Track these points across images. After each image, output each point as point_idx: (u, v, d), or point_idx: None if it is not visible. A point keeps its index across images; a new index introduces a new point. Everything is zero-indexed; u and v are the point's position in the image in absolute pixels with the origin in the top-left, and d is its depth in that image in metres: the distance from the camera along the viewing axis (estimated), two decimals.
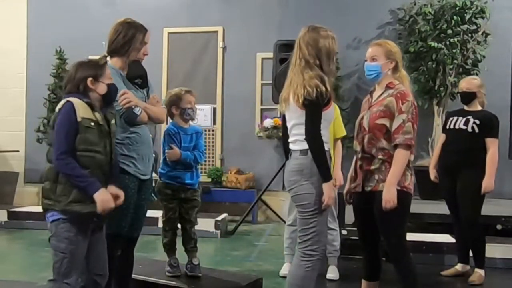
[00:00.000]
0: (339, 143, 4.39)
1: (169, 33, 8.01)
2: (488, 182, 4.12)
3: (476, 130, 4.20)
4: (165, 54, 8.00)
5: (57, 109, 2.59)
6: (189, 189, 3.87)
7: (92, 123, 2.56)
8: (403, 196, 3.04)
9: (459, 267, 4.48)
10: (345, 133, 4.39)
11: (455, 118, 4.38)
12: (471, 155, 4.18)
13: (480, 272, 4.25)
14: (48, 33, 8.05)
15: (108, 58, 3.00)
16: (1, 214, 6.82)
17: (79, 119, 2.52)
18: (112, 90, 2.70)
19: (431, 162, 4.65)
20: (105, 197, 2.54)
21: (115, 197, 2.62)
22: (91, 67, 2.68)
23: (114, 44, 3.02)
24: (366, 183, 3.17)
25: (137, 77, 3.07)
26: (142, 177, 3.03)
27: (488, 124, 4.21)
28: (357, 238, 5.41)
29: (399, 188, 3.03)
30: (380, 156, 3.10)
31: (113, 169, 2.71)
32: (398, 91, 3.11)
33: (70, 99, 2.57)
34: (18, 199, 8.01)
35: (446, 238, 4.87)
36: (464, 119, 4.30)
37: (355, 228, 6.52)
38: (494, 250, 4.70)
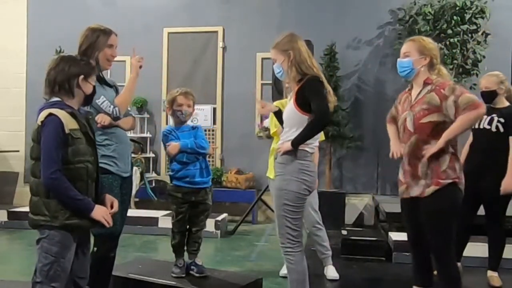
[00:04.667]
0: None
1: (169, 33, 8.01)
2: (508, 182, 3.96)
3: (501, 129, 4.04)
4: (165, 54, 8.01)
5: (39, 122, 2.46)
6: (200, 190, 3.77)
7: (79, 133, 2.49)
8: (452, 190, 2.98)
9: None
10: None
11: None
12: (495, 156, 4.04)
13: (495, 274, 4.24)
14: (48, 33, 8.06)
15: None
16: (1, 214, 6.84)
17: (67, 132, 2.43)
18: (94, 92, 2.67)
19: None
20: (103, 211, 2.51)
21: (111, 206, 2.62)
22: (85, 65, 2.61)
23: (81, 49, 3.10)
24: (411, 189, 3.10)
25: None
26: (124, 175, 3.12)
27: None
28: (357, 238, 5.46)
29: (450, 180, 2.96)
30: (425, 159, 3.00)
31: (101, 178, 2.67)
32: (436, 85, 3.02)
33: (54, 111, 2.45)
34: (18, 199, 8.01)
35: None
36: (489, 118, 4.10)
37: (355, 228, 6.59)
38: None
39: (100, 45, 3.09)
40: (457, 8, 6.61)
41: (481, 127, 4.11)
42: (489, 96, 4.14)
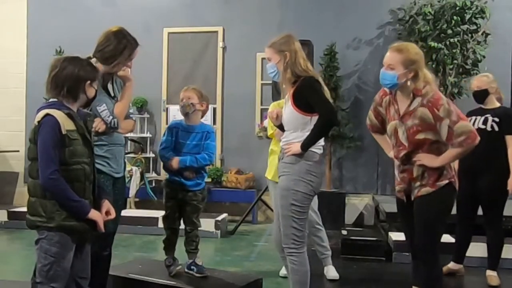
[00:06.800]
0: None
1: (169, 33, 8.01)
2: None
3: (496, 128, 4.11)
4: (165, 54, 8.00)
5: (36, 122, 2.45)
6: (189, 191, 3.80)
7: (76, 134, 2.47)
8: (447, 191, 3.00)
9: (451, 265, 4.51)
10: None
11: (474, 117, 4.23)
12: (490, 155, 4.06)
13: (494, 274, 4.27)
14: (48, 33, 8.05)
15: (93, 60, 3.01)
16: (1, 214, 6.85)
17: (64, 132, 2.42)
18: (95, 96, 2.66)
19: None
20: (98, 215, 2.52)
21: (107, 212, 2.62)
22: (92, 70, 2.60)
23: (101, 52, 3.03)
24: (411, 191, 3.09)
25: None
26: (116, 175, 3.13)
27: (508, 121, 4.10)
28: (357, 238, 5.45)
29: (446, 180, 2.97)
30: (419, 166, 3.01)
31: (98, 181, 2.66)
32: (427, 99, 2.90)
33: (51, 111, 2.44)
34: (18, 199, 8.01)
35: (446, 238, 4.87)
36: (483, 118, 4.18)
37: (355, 228, 6.59)
38: None
39: (124, 58, 3.06)
40: (457, 8, 6.62)
41: (476, 127, 4.09)
42: (481, 96, 4.25)
